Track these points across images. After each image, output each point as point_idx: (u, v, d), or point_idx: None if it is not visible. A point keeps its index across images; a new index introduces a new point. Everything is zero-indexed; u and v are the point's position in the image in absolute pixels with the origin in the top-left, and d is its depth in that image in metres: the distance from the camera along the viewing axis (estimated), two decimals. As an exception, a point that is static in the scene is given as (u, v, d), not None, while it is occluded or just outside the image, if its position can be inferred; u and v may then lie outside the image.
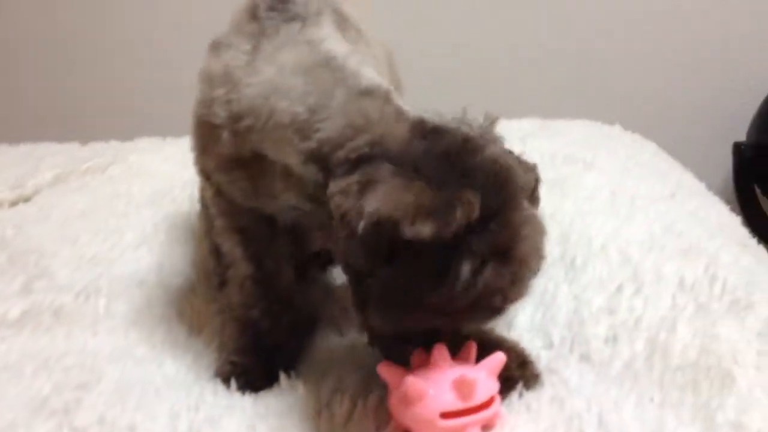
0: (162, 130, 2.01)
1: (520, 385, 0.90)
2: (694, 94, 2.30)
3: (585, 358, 0.96)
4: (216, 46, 0.99)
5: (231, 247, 1.02)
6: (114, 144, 1.98)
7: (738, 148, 2.32)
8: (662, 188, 1.46)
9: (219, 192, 1.00)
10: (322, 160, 0.83)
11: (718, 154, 2.33)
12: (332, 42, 0.93)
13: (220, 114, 0.92)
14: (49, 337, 1.08)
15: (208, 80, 0.96)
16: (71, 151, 1.93)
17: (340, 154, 0.80)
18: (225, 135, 0.91)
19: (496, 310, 0.79)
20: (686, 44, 2.26)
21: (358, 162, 0.78)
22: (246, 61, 0.94)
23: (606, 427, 0.81)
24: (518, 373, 0.91)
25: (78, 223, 1.49)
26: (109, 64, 2.26)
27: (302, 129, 0.85)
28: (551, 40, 2.24)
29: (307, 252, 1.16)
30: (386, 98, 0.85)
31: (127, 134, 2.03)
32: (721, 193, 1.57)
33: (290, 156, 0.87)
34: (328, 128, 0.83)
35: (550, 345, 0.99)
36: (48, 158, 1.83)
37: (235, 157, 0.92)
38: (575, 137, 1.72)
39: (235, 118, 0.91)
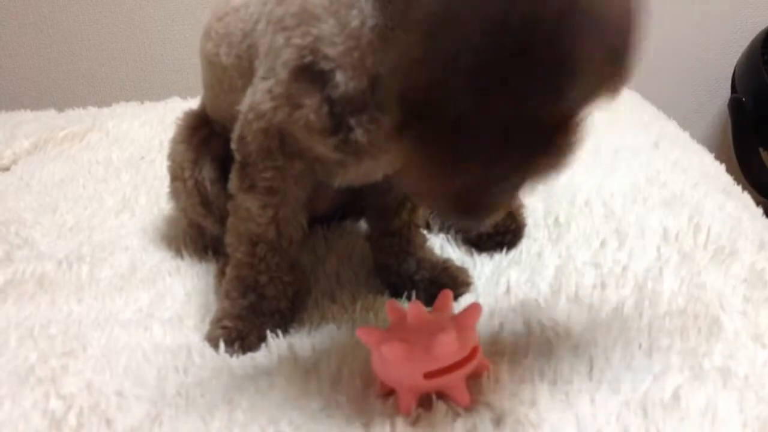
0: (140, 94, 1.99)
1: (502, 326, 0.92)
2: (677, 44, 2.29)
3: (573, 300, 0.97)
4: None
5: (257, 208, 0.96)
6: (92, 110, 1.96)
7: (738, 102, 2.23)
8: (645, 138, 1.46)
9: (291, 152, 0.92)
10: None
11: (702, 104, 2.33)
12: None
13: (332, 53, 0.83)
14: (33, 306, 1.07)
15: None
16: (48, 118, 1.90)
17: None
18: (339, 74, 0.83)
19: None
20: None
21: None
22: None
23: (595, 373, 0.81)
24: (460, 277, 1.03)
25: (57, 191, 1.48)
26: (84, 30, 2.22)
27: None
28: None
29: (316, 213, 1.15)
30: None
31: (104, 100, 2.01)
32: (703, 142, 1.56)
33: None
34: None
35: (537, 293, 1.00)
36: (24, 126, 1.81)
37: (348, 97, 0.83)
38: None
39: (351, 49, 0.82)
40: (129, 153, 1.64)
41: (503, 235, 1.15)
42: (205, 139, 1.14)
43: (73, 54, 2.23)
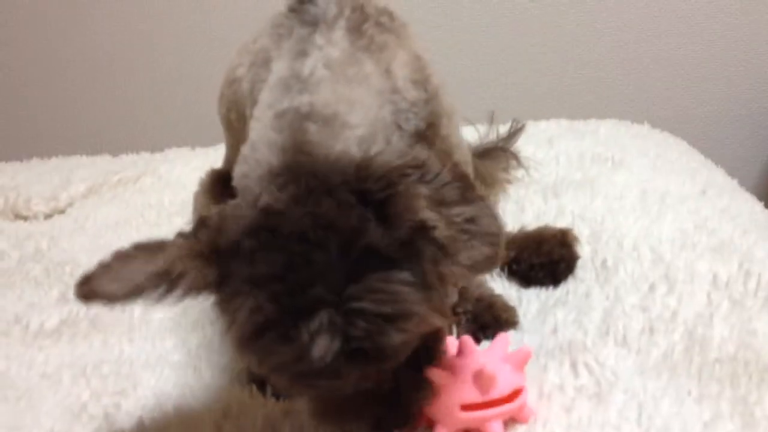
0: (191, 140, 2.03)
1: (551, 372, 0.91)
2: (724, 91, 2.27)
3: (622, 343, 0.96)
4: (244, 46, 1.01)
5: None
6: (144, 155, 2.01)
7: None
8: (692, 186, 1.45)
9: None
10: None
11: (750, 152, 2.30)
12: (315, 57, 0.89)
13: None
14: (86, 345, 1.10)
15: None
16: (102, 163, 1.95)
17: None
18: None
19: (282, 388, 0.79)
20: (715, 41, 2.24)
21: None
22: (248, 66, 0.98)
23: (644, 420, 0.80)
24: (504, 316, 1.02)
25: (111, 234, 1.52)
26: (137, 77, 2.29)
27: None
28: (577, 39, 2.23)
29: None
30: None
31: (156, 146, 2.06)
32: (752, 190, 1.55)
33: None
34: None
35: (584, 334, 0.99)
36: (80, 171, 1.86)
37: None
38: (603, 136, 1.71)
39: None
40: (181, 198, 1.67)
41: (556, 264, 1.15)
42: (223, 187, 1.19)
43: (127, 100, 2.29)
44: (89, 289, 0.72)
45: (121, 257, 0.73)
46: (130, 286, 0.71)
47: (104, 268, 0.72)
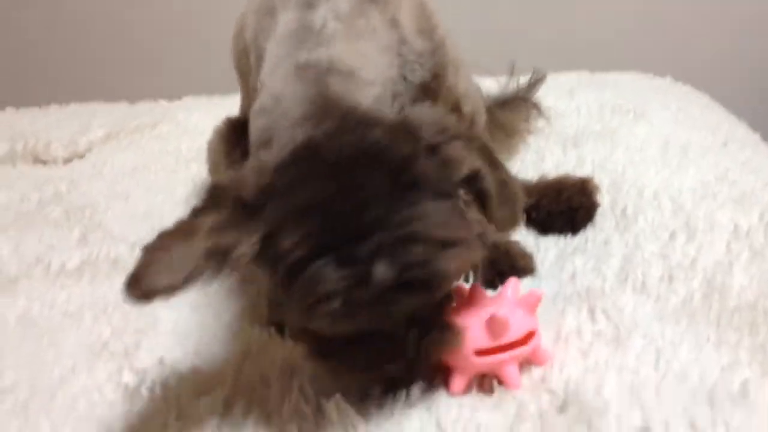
0: (208, 89, 2.03)
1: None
2: (748, 45, 2.24)
3: (640, 290, 0.95)
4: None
5: None
6: (162, 103, 2.01)
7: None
8: (714, 138, 1.44)
9: None
10: None
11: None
12: (324, 9, 0.89)
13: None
14: (107, 286, 1.11)
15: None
16: (120, 110, 1.96)
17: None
18: None
19: (337, 316, 0.70)
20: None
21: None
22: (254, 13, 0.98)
23: (661, 364, 0.81)
24: (521, 263, 1.02)
25: (129, 180, 1.53)
26: (155, 26, 2.28)
27: None
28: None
29: None
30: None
31: (174, 94, 2.05)
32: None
33: None
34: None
35: (603, 281, 0.98)
36: (98, 117, 1.87)
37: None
38: (625, 89, 1.69)
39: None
40: (198, 144, 1.66)
41: (575, 211, 1.14)
42: (238, 135, 1.20)
43: (144, 48, 2.29)
44: (143, 290, 0.70)
45: (158, 249, 0.71)
46: (184, 273, 0.69)
47: (146, 265, 0.70)
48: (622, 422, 0.74)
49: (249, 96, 1.18)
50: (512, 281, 0.86)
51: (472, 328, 0.79)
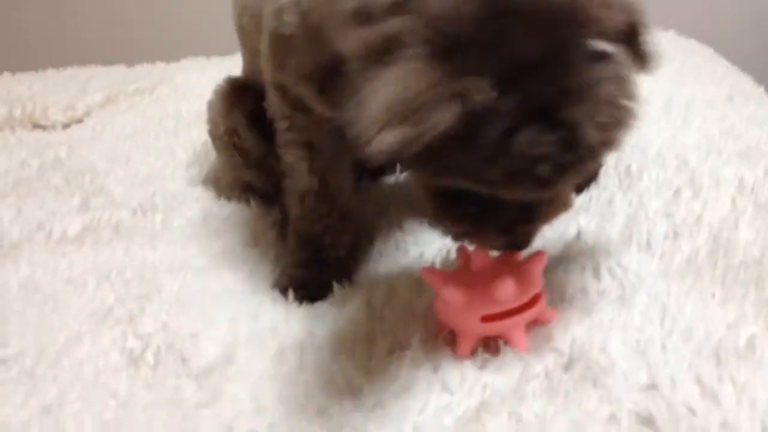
0: (206, 50, 2.01)
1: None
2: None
3: (645, 248, 0.95)
4: None
5: (296, 161, 1.01)
6: (160, 65, 1.99)
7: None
8: (718, 92, 1.42)
9: (295, 105, 0.96)
10: None
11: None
12: None
13: (291, 21, 0.85)
14: (110, 251, 1.11)
15: None
16: (118, 73, 1.94)
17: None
18: (300, 44, 0.85)
19: (543, 181, 0.67)
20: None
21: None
22: None
23: (667, 322, 0.80)
24: None
25: (129, 143, 1.52)
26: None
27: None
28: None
29: (364, 164, 1.16)
30: None
31: (172, 56, 2.04)
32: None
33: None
34: None
35: (607, 240, 0.98)
36: (95, 81, 1.85)
37: (315, 66, 0.84)
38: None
39: (305, 17, 0.83)
40: (198, 106, 1.65)
41: None
42: (239, 95, 1.18)
43: (142, 10, 2.26)
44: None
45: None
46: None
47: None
48: (629, 379, 0.74)
49: (250, 54, 1.16)
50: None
51: (479, 293, 0.79)
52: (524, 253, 0.84)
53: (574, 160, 0.66)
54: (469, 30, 0.64)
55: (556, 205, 0.78)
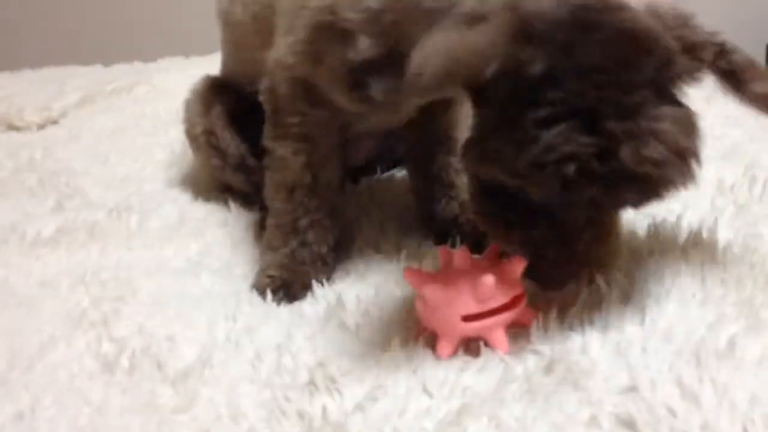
0: (185, 49, 2.00)
1: None
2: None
3: (625, 248, 0.94)
4: None
5: (290, 154, 0.99)
6: (137, 65, 1.98)
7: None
8: (696, 92, 1.42)
9: (314, 100, 0.95)
10: None
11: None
12: None
13: (353, 17, 0.85)
14: (84, 253, 1.09)
15: None
16: (95, 73, 1.93)
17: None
18: (362, 38, 0.85)
19: (567, 182, 0.67)
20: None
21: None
22: None
23: (647, 323, 0.80)
24: None
25: (108, 143, 1.51)
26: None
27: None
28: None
29: (352, 163, 1.17)
30: None
31: (149, 56, 2.02)
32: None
33: None
34: None
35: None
36: (72, 81, 1.84)
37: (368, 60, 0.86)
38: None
39: (376, 15, 0.84)
40: (176, 107, 1.64)
41: None
42: (217, 94, 1.18)
43: (119, 9, 2.24)
44: None
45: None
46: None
47: None
48: (609, 382, 0.73)
49: (236, 45, 1.14)
50: (495, 246, 0.85)
51: (460, 293, 0.78)
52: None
53: (604, 173, 0.66)
54: (552, 29, 0.67)
55: (597, 233, 0.76)
